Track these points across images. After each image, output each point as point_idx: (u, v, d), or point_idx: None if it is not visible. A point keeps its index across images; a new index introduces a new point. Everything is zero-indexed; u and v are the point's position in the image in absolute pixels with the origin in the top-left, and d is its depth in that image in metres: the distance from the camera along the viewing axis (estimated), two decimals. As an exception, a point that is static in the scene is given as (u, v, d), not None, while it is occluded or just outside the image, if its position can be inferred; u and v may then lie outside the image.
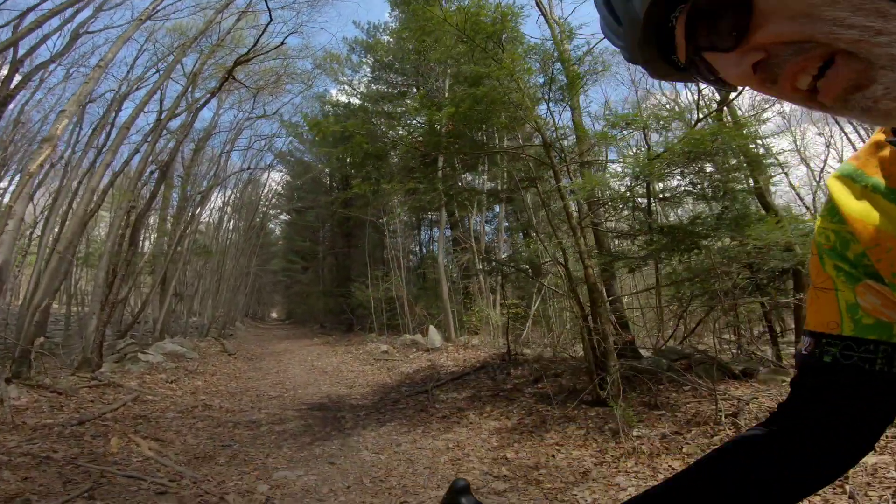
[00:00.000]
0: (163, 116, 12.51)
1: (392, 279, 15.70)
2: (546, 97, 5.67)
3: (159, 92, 13.18)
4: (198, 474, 4.14)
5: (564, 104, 6.12)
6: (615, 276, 7.52)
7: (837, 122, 11.37)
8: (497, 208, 14.65)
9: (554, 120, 5.74)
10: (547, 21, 5.84)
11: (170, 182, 16.35)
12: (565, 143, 6.67)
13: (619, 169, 5.37)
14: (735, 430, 4.44)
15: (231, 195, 21.95)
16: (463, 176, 10.86)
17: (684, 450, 4.38)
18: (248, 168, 19.22)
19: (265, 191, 24.23)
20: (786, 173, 7.14)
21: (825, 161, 14.36)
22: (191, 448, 5.15)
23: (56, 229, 14.16)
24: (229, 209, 21.98)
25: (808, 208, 10.46)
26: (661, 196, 5.85)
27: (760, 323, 7.13)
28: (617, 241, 7.61)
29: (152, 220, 18.39)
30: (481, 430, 5.40)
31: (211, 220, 22.11)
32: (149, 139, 12.20)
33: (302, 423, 6.43)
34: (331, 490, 3.85)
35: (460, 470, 4.23)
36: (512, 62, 4.98)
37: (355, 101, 15.56)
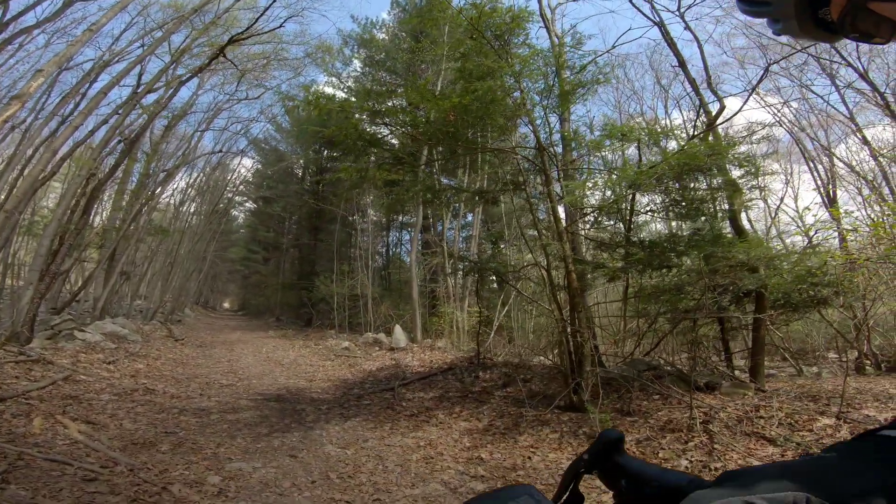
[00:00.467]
0: (139, 90, 11.51)
1: (358, 276, 15.04)
2: (544, 104, 5.49)
3: (140, 66, 12.15)
4: (135, 462, 3.51)
5: (557, 113, 5.97)
6: (588, 286, 7.40)
7: (804, 156, 12.00)
8: (469, 217, 14.45)
9: (549, 125, 5.58)
10: (549, 33, 5.72)
11: (134, 156, 15.06)
12: (554, 151, 6.50)
13: (615, 176, 5.23)
14: (708, 436, 4.32)
15: (198, 177, 20.51)
16: (441, 179, 10.57)
17: (660, 455, 4.20)
18: (220, 151, 17.97)
19: (233, 176, 22.87)
20: (747, 206, 7.37)
21: (781, 199, 15.09)
22: (128, 433, 4.45)
23: (2, 196, 12.65)
24: (193, 191, 20.51)
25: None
26: (645, 210, 5.77)
27: (717, 341, 7.19)
28: (592, 252, 7.51)
29: (108, 194, 16.85)
30: (452, 430, 5.02)
31: (172, 200, 20.56)
32: (120, 111, 11.21)
33: (257, 413, 5.80)
34: (293, 484, 3.33)
35: (434, 469, 3.83)
36: (522, 62, 4.78)
37: (341, 94, 15.03)
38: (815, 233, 6.20)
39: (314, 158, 19.91)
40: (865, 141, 10.11)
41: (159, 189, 16.72)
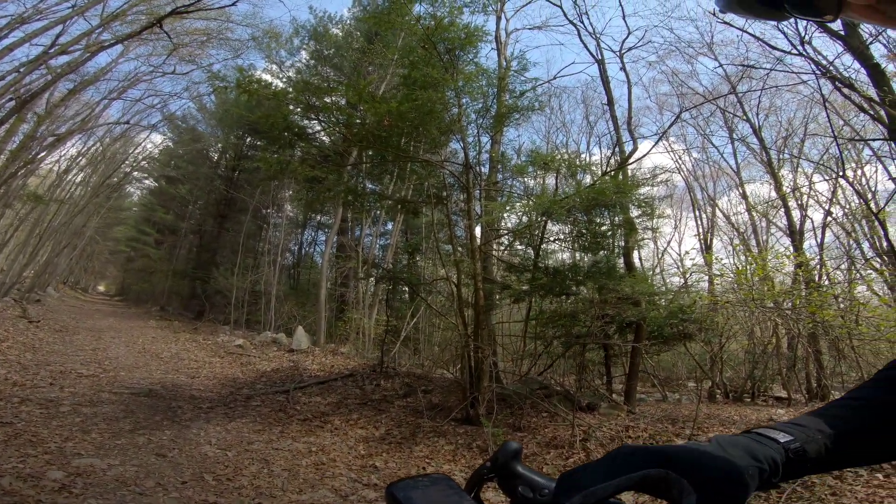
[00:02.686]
0: (52, 50, 9.88)
1: (263, 272, 13.94)
2: (479, 122, 5.64)
3: (62, 27, 10.41)
4: (-48, 452, 2.80)
5: (490, 134, 6.17)
6: (494, 306, 7.60)
7: (693, 204, 13.52)
8: (389, 225, 14.24)
9: (480, 144, 5.73)
10: (499, 55, 5.92)
11: (22, 116, 12.75)
12: (480, 170, 6.68)
13: (532, 202, 5.49)
14: (585, 453, 4.58)
15: (94, 146, 17.70)
16: (366, 183, 10.29)
17: (544, 470, 4.35)
18: (127, 122, 15.71)
19: (137, 150, 20.09)
20: (639, 245, 8.06)
21: (669, 242, 16.53)
22: (-54, 421, 3.59)
23: None
24: (84, 160, 17.65)
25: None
26: (554, 238, 6.12)
27: (601, 365, 7.76)
28: (501, 273, 7.76)
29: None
30: (347, 437, 4.75)
31: (57, 167, 17.49)
32: (22, 70, 9.54)
33: (121, 408, 5.03)
34: (158, 484, 2.87)
35: (326, 475, 3.56)
36: (465, 79, 4.87)
37: (279, 83, 13.99)
38: (691, 275, 7.07)
39: (234, 144, 18.31)
40: (744, 195, 11.49)
41: (44, 153, 14.29)
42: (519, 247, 7.14)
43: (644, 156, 5.16)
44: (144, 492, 2.71)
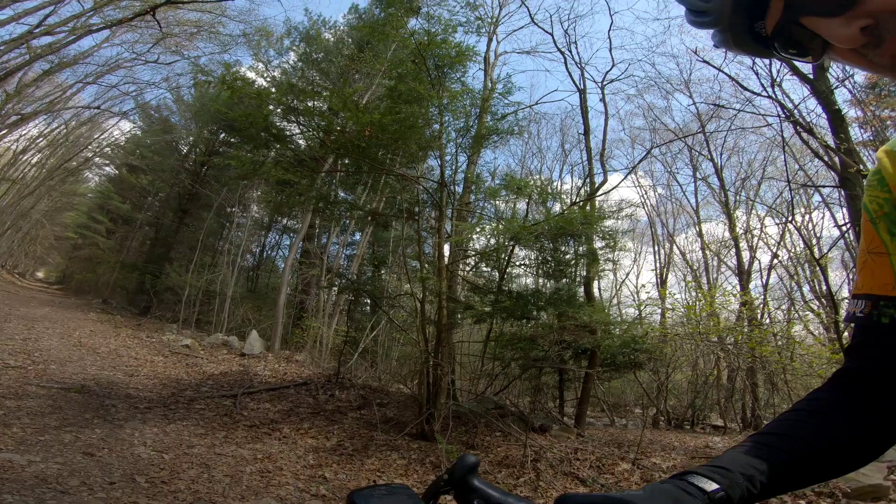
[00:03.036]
0: (37, 30, 9.41)
1: (220, 272, 13.29)
2: (458, 141, 5.72)
3: (53, 7, 9.94)
4: None
5: (467, 154, 6.27)
6: (456, 324, 7.58)
7: (653, 239, 14.02)
8: (357, 236, 14.02)
9: (457, 163, 5.80)
10: (485, 76, 6.06)
11: None
12: (454, 189, 6.73)
13: (502, 226, 5.57)
14: (536, 473, 4.58)
15: (59, 128, 16.61)
16: (338, 192, 10.13)
17: (495, 489, 4.30)
18: (97, 107, 14.93)
19: (103, 136, 18.95)
20: (600, 275, 8.29)
21: (627, 274, 16.97)
22: None
23: None
24: (44, 142, 16.51)
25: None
26: (520, 263, 6.22)
27: (555, 389, 7.85)
28: (466, 293, 7.78)
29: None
30: (297, 446, 4.54)
31: (15, 146, 16.25)
32: (1, 48, 9.03)
33: (48, 402, 4.61)
34: (83, 483, 2.62)
35: (271, 483, 3.36)
36: (451, 96, 4.94)
37: (262, 81, 13.60)
38: (645, 307, 7.34)
39: (207, 139, 17.65)
40: (700, 234, 12.07)
41: (4, 132, 13.37)
42: (485, 269, 7.20)
43: (613, 188, 5.44)
44: (67, 490, 2.46)
